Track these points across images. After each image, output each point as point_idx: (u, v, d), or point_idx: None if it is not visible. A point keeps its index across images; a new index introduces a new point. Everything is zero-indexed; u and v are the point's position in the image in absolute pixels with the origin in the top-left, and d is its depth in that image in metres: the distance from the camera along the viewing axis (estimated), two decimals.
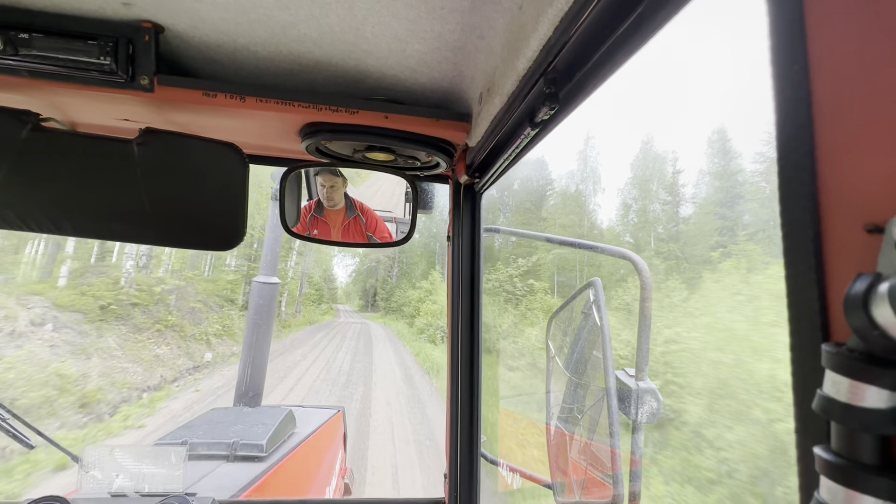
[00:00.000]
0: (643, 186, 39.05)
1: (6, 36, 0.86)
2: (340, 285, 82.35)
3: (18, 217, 0.89)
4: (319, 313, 43.19)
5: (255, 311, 4.28)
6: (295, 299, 36.01)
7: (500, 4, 0.77)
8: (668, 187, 38.43)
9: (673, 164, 40.02)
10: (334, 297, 64.93)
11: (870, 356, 0.26)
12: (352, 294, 79.86)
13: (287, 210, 1.34)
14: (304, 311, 37.31)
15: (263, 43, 0.96)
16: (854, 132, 0.29)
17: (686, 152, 38.62)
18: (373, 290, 66.65)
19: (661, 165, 40.42)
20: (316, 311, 41.96)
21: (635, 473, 1.18)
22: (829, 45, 0.31)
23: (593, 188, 44.18)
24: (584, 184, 44.21)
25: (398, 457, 7.90)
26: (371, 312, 60.94)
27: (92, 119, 1.15)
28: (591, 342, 1.25)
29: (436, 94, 1.13)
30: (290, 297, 34.00)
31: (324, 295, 49.61)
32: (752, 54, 57.42)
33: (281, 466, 2.76)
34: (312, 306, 41.49)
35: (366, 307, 68.80)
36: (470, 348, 1.44)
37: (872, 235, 0.28)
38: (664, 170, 39.93)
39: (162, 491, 1.60)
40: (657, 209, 37.98)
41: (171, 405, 10.61)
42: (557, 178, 46.90)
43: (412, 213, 1.38)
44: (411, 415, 10.57)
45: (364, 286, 71.45)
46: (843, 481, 0.27)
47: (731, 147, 37.36)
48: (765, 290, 12.79)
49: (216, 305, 21.20)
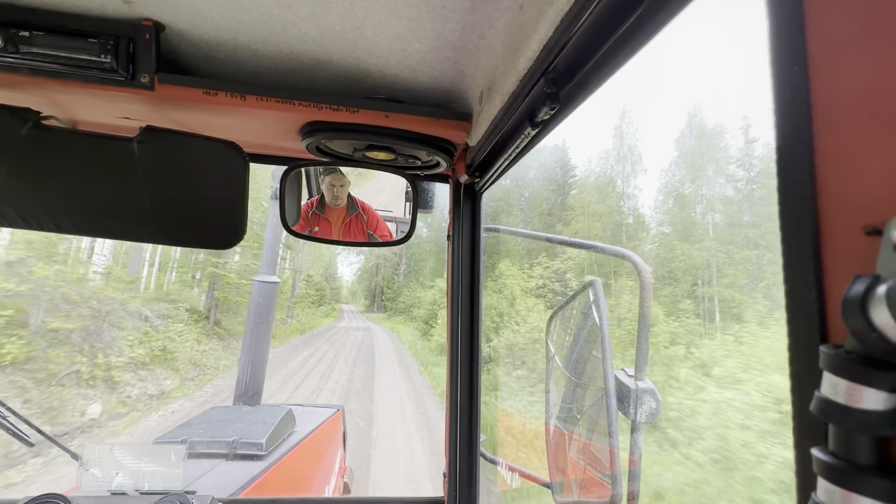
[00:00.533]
0: (699, 164, 30.49)
1: (7, 34, 0.86)
2: (346, 284, 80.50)
3: (19, 214, 0.89)
4: (320, 316, 39.79)
5: (255, 310, 4.29)
6: (287, 303, 29.87)
7: (501, 4, 0.77)
8: (741, 162, 29.87)
9: (745, 133, 30.74)
10: (338, 296, 62.54)
11: (868, 358, 0.26)
12: (357, 293, 78.05)
13: (287, 209, 1.34)
14: (299, 316, 31.99)
15: (264, 41, 0.96)
16: (853, 134, 0.30)
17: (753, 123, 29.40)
18: (378, 290, 64.89)
19: (720, 141, 31.41)
20: (315, 315, 37.93)
21: (634, 473, 1.19)
22: (829, 46, 0.31)
23: (632, 169, 36.35)
24: (620, 164, 36.65)
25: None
26: (377, 313, 58.85)
27: (92, 117, 1.15)
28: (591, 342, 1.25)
29: (436, 94, 1.13)
30: (280, 300, 26.87)
31: (325, 295, 46.59)
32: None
33: (280, 465, 2.76)
34: (311, 309, 37.52)
35: (371, 307, 66.93)
36: (469, 348, 1.44)
37: (871, 237, 0.28)
38: (727, 144, 30.99)
39: (161, 489, 1.60)
40: (726, 189, 29.39)
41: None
42: (587, 161, 42.17)
43: (412, 212, 1.38)
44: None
45: (370, 285, 69.75)
46: (841, 483, 0.27)
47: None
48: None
49: (160, 316, 14.76)
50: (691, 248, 25.35)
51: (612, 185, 36.16)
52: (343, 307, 64.41)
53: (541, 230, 33.43)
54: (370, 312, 61.38)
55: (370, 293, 69.75)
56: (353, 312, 59.33)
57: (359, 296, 77.25)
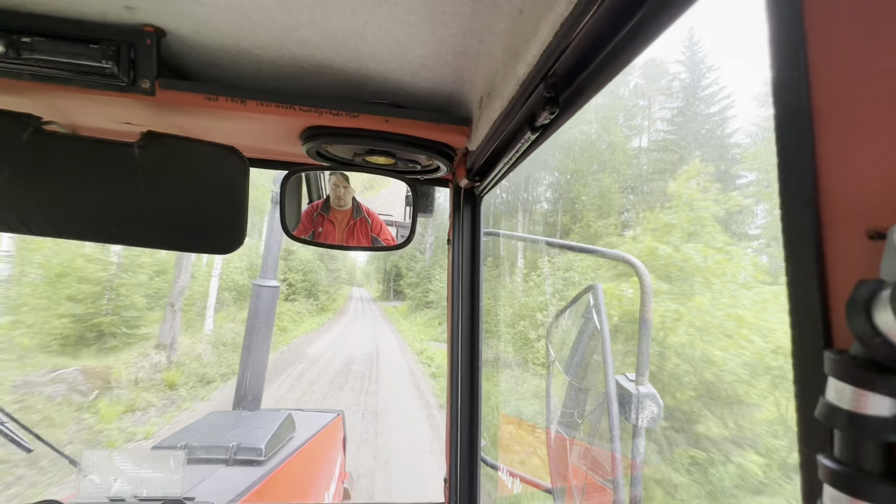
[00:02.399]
0: None
1: (8, 39, 0.87)
2: (360, 266, 69.44)
3: (19, 220, 0.89)
4: (309, 315, 25.55)
5: (255, 314, 4.29)
6: (229, 312, 16.77)
7: (501, 9, 0.77)
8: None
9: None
10: (338, 280, 42.86)
11: (872, 363, 0.26)
12: (370, 276, 67.88)
13: (287, 214, 1.34)
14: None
15: (265, 46, 0.96)
16: (855, 138, 0.30)
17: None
18: (394, 272, 49.41)
19: None
20: (304, 316, 24.57)
21: (636, 478, 1.18)
22: (829, 50, 0.31)
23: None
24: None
25: None
26: (394, 302, 43.89)
27: (93, 122, 1.15)
28: (592, 347, 1.25)
29: (437, 99, 1.13)
30: (222, 307, 16.62)
31: (317, 283, 30.57)
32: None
33: (280, 471, 2.74)
34: (287, 312, 22.47)
35: (387, 294, 52.77)
36: (470, 352, 1.43)
37: (874, 242, 0.28)
38: None
39: (160, 495, 1.59)
40: None
41: None
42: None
43: (412, 216, 1.38)
44: None
45: (384, 265, 54.81)
46: (847, 489, 0.26)
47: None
48: None
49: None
50: None
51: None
52: (353, 292, 55.39)
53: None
54: (385, 301, 47.80)
55: (384, 276, 55.68)
56: (364, 301, 46.29)
57: (371, 278, 67.41)
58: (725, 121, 26.80)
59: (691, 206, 11.56)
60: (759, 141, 23.11)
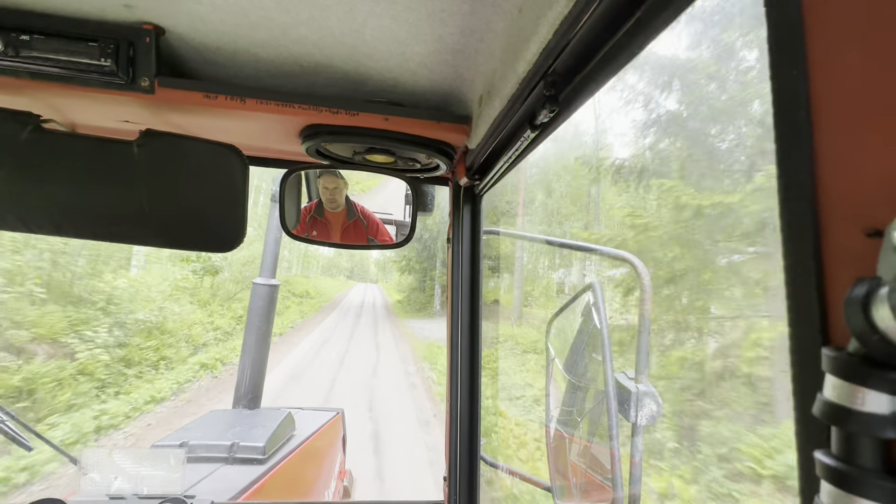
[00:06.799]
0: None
1: (7, 37, 0.87)
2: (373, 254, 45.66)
3: (18, 218, 0.89)
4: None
5: (254, 312, 4.29)
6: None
7: (500, 7, 0.77)
8: None
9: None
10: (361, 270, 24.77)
11: (870, 360, 0.26)
12: (388, 268, 44.21)
13: (287, 212, 1.34)
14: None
15: (264, 45, 0.96)
16: (853, 136, 0.30)
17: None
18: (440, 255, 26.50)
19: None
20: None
21: (635, 476, 1.18)
22: (828, 48, 0.31)
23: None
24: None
25: None
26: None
27: (92, 121, 1.15)
28: (591, 345, 1.25)
29: (436, 97, 1.13)
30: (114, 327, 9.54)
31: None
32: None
33: (280, 469, 2.75)
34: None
35: (422, 298, 29.92)
36: (470, 351, 1.44)
37: (872, 239, 0.28)
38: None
39: (161, 493, 1.60)
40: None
41: None
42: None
43: (412, 214, 1.38)
44: None
45: (423, 240, 28.60)
46: (844, 486, 0.26)
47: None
48: None
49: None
50: None
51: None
52: (351, 293, 40.55)
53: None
54: (421, 317, 25.87)
55: (419, 265, 30.22)
56: (368, 312, 27.88)
57: (391, 270, 43.80)
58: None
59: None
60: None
